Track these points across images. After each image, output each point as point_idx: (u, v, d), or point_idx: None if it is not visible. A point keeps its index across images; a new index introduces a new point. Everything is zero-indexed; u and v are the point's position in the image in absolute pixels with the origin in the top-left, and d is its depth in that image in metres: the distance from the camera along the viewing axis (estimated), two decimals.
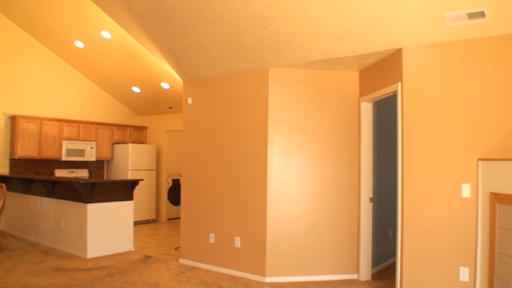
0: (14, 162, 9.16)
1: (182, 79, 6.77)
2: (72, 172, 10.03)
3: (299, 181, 5.72)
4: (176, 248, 7.50)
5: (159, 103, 10.46)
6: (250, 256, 5.78)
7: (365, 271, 5.68)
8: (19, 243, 7.66)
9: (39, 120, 9.29)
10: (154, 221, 10.88)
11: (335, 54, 5.07)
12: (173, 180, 11.17)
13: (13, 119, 9.04)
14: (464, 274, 4.21)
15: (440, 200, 4.35)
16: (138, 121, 11.70)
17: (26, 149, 9.04)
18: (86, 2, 7.06)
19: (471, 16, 3.90)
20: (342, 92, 5.81)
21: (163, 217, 10.97)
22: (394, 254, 5.13)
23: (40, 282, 5.35)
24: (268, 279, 5.60)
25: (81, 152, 9.98)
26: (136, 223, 9.93)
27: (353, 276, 5.71)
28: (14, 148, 8.92)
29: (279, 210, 5.66)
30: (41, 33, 9.21)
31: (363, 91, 5.68)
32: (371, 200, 5.73)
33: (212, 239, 6.20)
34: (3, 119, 9.03)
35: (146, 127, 11.53)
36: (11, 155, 9.05)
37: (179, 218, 7.37)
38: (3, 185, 7.05)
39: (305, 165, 5.73)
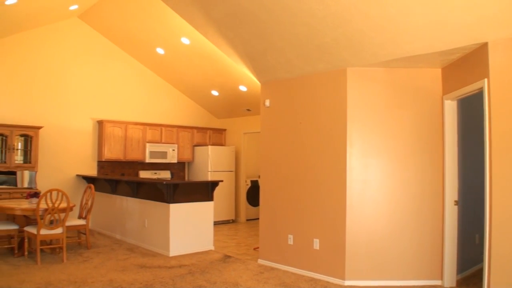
0: (102, 164, 9.66)
1: (260, 82, 6.83)
2: (155, 173, 10.41)
3: (379, 182, 5.59)
4: (255, 249, 7.56)
5: (238, 106, 10.61)
6: (329, 259, 5.72)
7: (449, 277, 5.42)
8: (106, 241, 8.05)
9: (124, 124, 9.74)
10: (233, 221, 11.05)
11: (416, 51, 4.89)
12: (252, 181, 11.29)
13: (100, 124, 9.54)
14: None
15: None
16: (217, 123, 11.94)
17: (112, 152, 9.50)
18: (167, 11, 7.30)
19: None
20: (424, 91, 5.60)
21: (242, 217, 11.12)
22: (481, 260, 4.86)
23: (125, 278, 5.59)
24: (347, 283, 5.50)
25: (164, 154, 10.34)
26: (215, 223, 10.10)
27: (437, 282, 5.47)
28: (102, 151, 9.41)
29: (358, 212, 5.55)
30: (125, 41, 9.65)
31: (447, 89, 5.44)
32: (456, 203, 5.46)
33: (290, 241, 6.20)
34: (91, 124, 9.55)
35: (225, 130, 11.75)
36: (98, 157, 9.56)
37: (257, 219, 7.43)
38: (92, 185, 7.43)
39: (385, 166, 5.59)
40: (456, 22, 4.21)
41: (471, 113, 5.84)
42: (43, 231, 6.18)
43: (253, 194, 11.08)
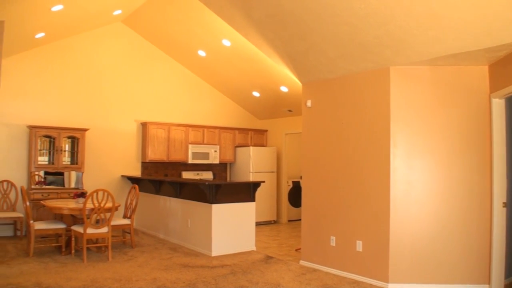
0: (145, 165, 9.84)
1: (301, 82, 6.80)
2: (197, 174, 10.52)
3: (424, 183, 5.45)
4: (297, 250, 7.53)
5: (279, 107, 10.60)
6: (372, 261, 5.63)
7: (497, 282, 5.22)
8: (149, 240, 8.18)
9: (167, 126, 9.89)
10: (274, 222, 11.04)
11: (461, 48, 4.74)
12: (293, 182, 11.25)
13: (144, 126, 9.72)
14: None
15: None
16: (258, 124, 11.97)
17: (156, 153, 9.67)
18: (208, 14, 7.36)
19: None
20: (470, 89, 5.43)
21: (284, 218, 11.10)
22: None
23: (168, 277, 5.67)
24: (391, 286, 5.39)
25: (206, 155, 10.44)
26: (257, 224, 10.10)
27: (484, 287, 5.29)
28: (145, 152, 9.59)
29: (402, 214, 5.44)
30: (167, 45, 9.81)
31: (494, 87, 5.26)
32: (505, 204, 5.27)
33: (333, 242, 6.14)
34: (135, 126, 9.75)
35: (266, 130, 11.76)
36: (142, 158, 9.75)
37: (299, 220, 7.41)
38: (136, 186, 7.56)
39: (430, 167, 5.45)
40: (503, 17, 4.06)
41: None
42: (90, 230, 6.34)
43: (295, 195, 11.04)
